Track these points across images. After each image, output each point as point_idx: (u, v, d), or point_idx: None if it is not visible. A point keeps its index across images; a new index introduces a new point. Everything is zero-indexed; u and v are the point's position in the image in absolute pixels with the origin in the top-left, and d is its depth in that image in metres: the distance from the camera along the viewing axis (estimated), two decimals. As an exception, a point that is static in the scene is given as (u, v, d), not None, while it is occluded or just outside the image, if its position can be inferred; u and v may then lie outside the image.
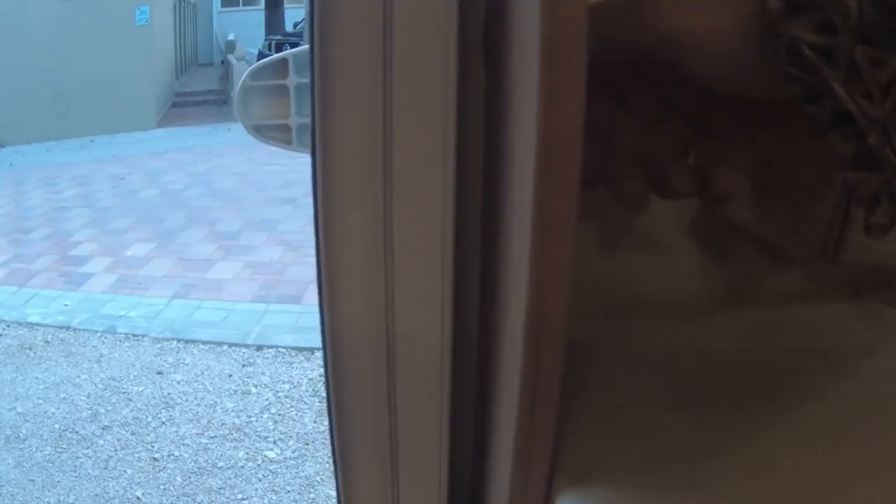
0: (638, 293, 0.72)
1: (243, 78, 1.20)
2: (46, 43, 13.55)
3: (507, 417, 0.49)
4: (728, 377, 0.64)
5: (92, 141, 12.78)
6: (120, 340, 5.39)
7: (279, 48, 16.19)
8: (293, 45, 15.85)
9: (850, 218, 0.65)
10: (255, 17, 23.30)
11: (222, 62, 17.37)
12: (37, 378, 4.83)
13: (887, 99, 0.49)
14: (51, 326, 5.53)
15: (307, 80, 0.69)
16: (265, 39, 16.90)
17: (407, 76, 0.46)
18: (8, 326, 5.53)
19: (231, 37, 16.47)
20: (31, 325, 5.55)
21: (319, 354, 4.94)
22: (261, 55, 16.56)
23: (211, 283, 6.51)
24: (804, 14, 0.50)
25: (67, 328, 5.51)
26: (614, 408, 0.60)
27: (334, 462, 0.61)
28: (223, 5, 27.22)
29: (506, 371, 0.50)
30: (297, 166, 10.08)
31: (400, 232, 0.50)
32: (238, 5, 27.12)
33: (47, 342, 5.31)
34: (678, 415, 0.59)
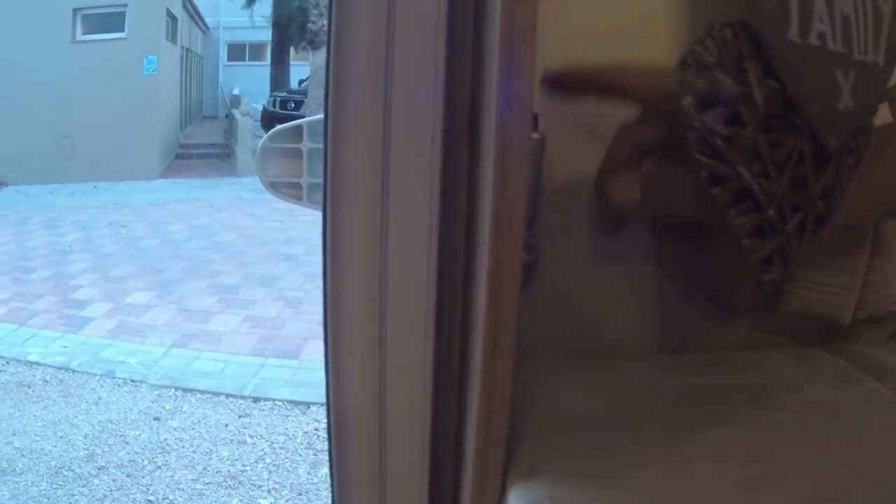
0: (598, 336, 0.83)
1: (263, 140, 1.30)
2: (53, 86, 13.66)
3: (471, 423, 0.62)
4: (662, 405, 0.75)
5: (95, 187, 12.84)
6: (118, 385, 5.42)
7: (284, 105, 16.31)
8: (297, 103, 16.06)
9: (789, 272, 0.73)
10: (261, 71, 23.55)
11: (226, 116, 17.43)
12: (34, 415, 4.84)
13: (783, 177, 0.60)
14: (50, 366, 5.54)
15: (319, 145, 0.80)
16: (270, 95, 17.02)
17: (402, 154, 0.61)
18: (7, 363, 5.55)
19: (236, 91, 16.60)
20: (31, 364, 5.57)
21: (315, 409, 5.02)
22: (265, 111, 16.68)
23: (210, 334, 6.54)
24: (715, 109, 0.59)
25: (66, 369, 5.52)
26: (562, 425, 0.71)
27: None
28: (229, 59, 27.49)
29: (471, 389, 0.62)
30: (297, 224, 10.13)
31: (393, 284, 0.64)
32: (244, 60, 27.40)
33: (46, 381, 5.32)
34: (615, 433, 0.70)
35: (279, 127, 1.31)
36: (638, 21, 0.75)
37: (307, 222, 10.32)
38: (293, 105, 16.22)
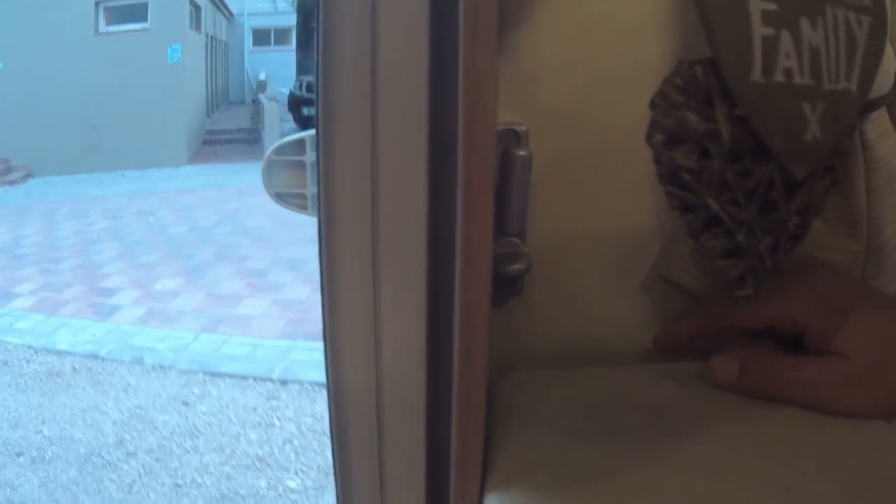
0: (588, 343, 0.86)
1: (268, 153, 1.36)
2: (79, 78, 13.78)
3: (454, 436, 0.66)
4: (641, 419, 0.76)
5: (122, 175, 12.97)
6: (147, 371, 5.47)
7: (310, 89, 16.32)
8: None
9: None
10: (286, 56, 23.58)
11: (253, 101, 17.49)
12: (64, 404, 4.87)
13: (752, 203, 0.64)
14: (79, 355, 5.59)
15: None
16: (297, 79, 17.00)
17: (390, 179, 0.65)
18: (36, 353, 5.59)
19: (262, 76, 16.65)
20: (60, 353, 5.61)
21: None
22: (292, 95, 16.72)
23: (238, 318, 6.58)
24: (683, 145, 0.64)
25: (95, 357, 5.57)
26: (540, 438, 0.74)
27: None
28: (255, 45, 27.58)
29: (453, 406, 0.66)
30: (324, 208, 10.21)
31: (385, 300, 0.69)
32: (270, 45, 27.48)
33: (75, 370, 5.36)
34: (591, 447, 0.71)
35: (283, 141, 1.38)
36: (628, 32, 0.75)
37: None
38: None
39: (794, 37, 0.62)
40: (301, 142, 1.33)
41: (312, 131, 1.33)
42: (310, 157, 1.29)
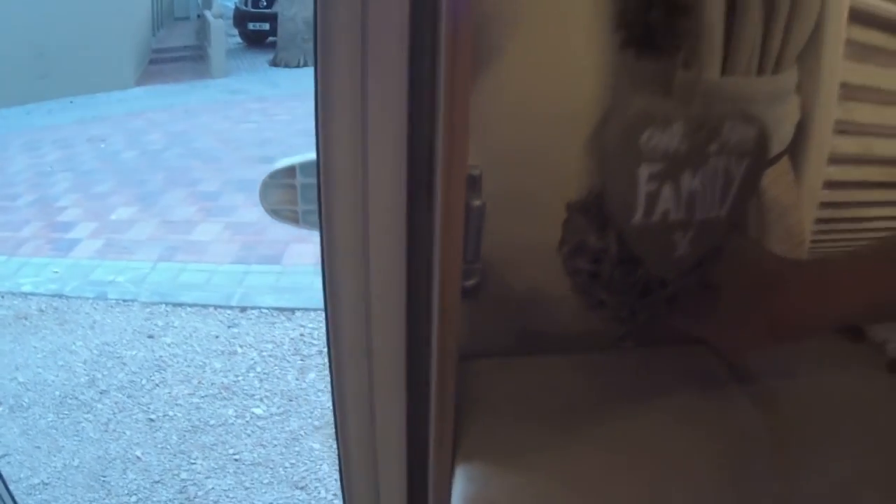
0: (537, 338, 1.11)
1: (264, 178, 1.61)
2: (25, 4, 13.48)
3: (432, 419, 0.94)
4: (579, 403, 1.05)
5: (71, 102, 12.78)
6: (111, 306, 5.60)
7: (255, 2, 16.04)
8: (269, 0, 15.72)
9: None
10: (232, -33, 23.07)
11: (198, 16, 17.14)
12: (34, 347, 5.00)
13: (633, 291, 0.94)
14: (44, 295, 5.68)
15: (310, 180, 1.12)
16: None
17: (376, 204, 0.87)
18: (2, 297, 5.68)
19: None
20: (25, 295, 5.70)
21: (299, 315, 5.22)
22: (237, 10, 16.37)
23: (193, 244, 6.72)
24: (583, 254, 0.94)
25: (60, 296, 5.67)
26: (496, 420, 1.03)
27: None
28: (198, -45, 26.85)
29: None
30: (273, 125, 10.23)
31: (374, 311, 0.93)
32: (212, -45, 26.77)
33: (41, 311, 5.47)
34: (536, 427, 1.00)
35: (275, 167, 1.61)
36: (569, 78, 0.96)
37: (282, 122, 10.47)
38: (266, 2, 15.96)
39: (674, 187, 0.86)
40: (292, 169, 1.52)
41: (300, 160, 1.53)
42: (300, 181, 1.48)
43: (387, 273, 0.89)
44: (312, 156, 1.13)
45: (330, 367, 0.99)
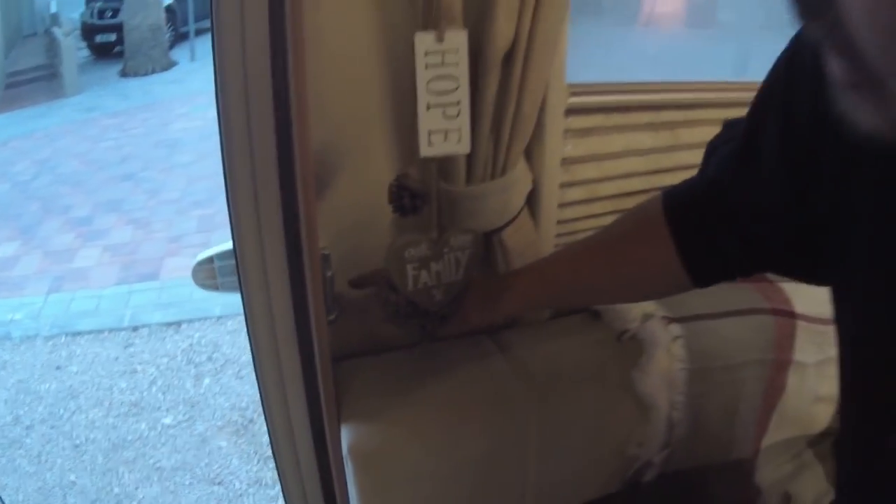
0: (381, 342, 1.58)
1: (194, 266, 1.91)
2: None
3: (322, 397, 1.33)
4: (426, 377, 1.49)
5: (-66, 134, 12.15)
6: (16, 345, 5.67)
7: (101, 14, 15.29)
8: (115, 10, 15.23)
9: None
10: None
11: (45, 31, 16.54)
12: (-43, 392, 5.05)
13: (417, 318, 1.42)
14: (-48, 340, 5.74)
15: (224, 263, 1.70)
16: (87, 5, 16.02)
17: (273, 277, 1.24)
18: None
19: (54, 9, 15.70)
20: (-67, 346, 5.72)
21: (185, 326, 5.56)
22: (84, 25, 15.62)
23: (77, 272, 6.86)
24: (387, 302, 1.40)
25: (-33, 340, 5.74)
26: (367, 396, 1.44)
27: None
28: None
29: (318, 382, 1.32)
30: (129, 139, 10.38)
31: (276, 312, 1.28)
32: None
33: (-47, 356, 5.52)
34: (399, 395, 1.43)
35: (199, 262, 1.91)
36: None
37: (138, 135, 10.61)
38: (111, 13, 15.57)
39: (428, 270, 1.36)
40: (211, 259, 1.89)
41: (217, 252, 2.03)
42: (216, 264, 1.88)
43: (283, 318, 1.26)
44: (227, 245, 1.67)
45: (256, 372, 1.35)
